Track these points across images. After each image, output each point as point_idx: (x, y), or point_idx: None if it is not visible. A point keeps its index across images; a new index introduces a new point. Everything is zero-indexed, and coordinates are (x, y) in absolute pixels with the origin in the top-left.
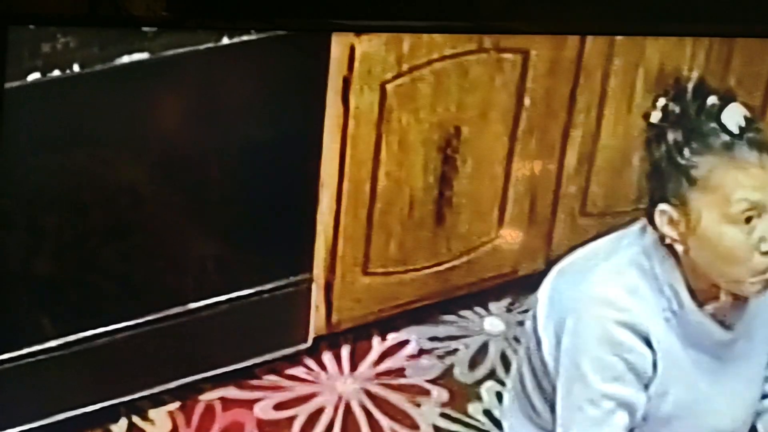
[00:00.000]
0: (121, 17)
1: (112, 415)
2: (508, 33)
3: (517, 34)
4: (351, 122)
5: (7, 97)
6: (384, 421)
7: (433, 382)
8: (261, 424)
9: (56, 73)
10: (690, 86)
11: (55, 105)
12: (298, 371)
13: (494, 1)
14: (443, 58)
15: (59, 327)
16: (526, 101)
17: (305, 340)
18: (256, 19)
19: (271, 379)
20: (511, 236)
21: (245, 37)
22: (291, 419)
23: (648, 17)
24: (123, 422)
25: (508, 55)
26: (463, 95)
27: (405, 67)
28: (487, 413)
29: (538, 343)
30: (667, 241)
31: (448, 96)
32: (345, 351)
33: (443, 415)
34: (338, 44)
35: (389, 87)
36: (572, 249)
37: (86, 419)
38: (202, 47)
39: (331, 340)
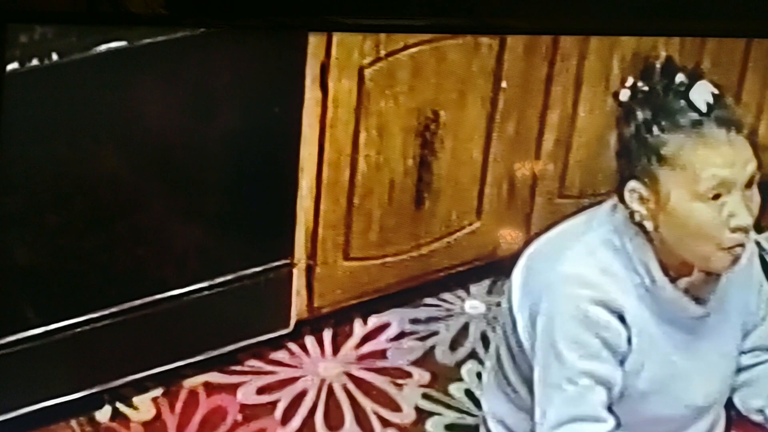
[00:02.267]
0: (120, 15)
1: (96, 402)
2: (502, 33)
3: (513, 34)
4: (329, 108)
5: None
6: (366, 403)
7: (414, 364)
8: (244, 408)
9: (35, 62)
10: (658, 64)
11: (34, 94)
12: (280, 356)
13: None
14: (420, 43)
15: (42, 315)
16: (504, 85)
17: (287, 325)
18: (255, 16)
19: (253, 364)
20: (490, 219)
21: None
22: (274, 403)
23: (633, 13)
24: (107, 409)
25: (484, 39)
26: (440, 80)
27: (382, 52)
28: (469, 393)
29: (514, 323)
30: (638, 218)
31: (426, 80)
32: (327, 335)
33: (425, 396)
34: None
35: (367, 72)
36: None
37: (70, 407)
38: (179, 35)
39: (313, 325)
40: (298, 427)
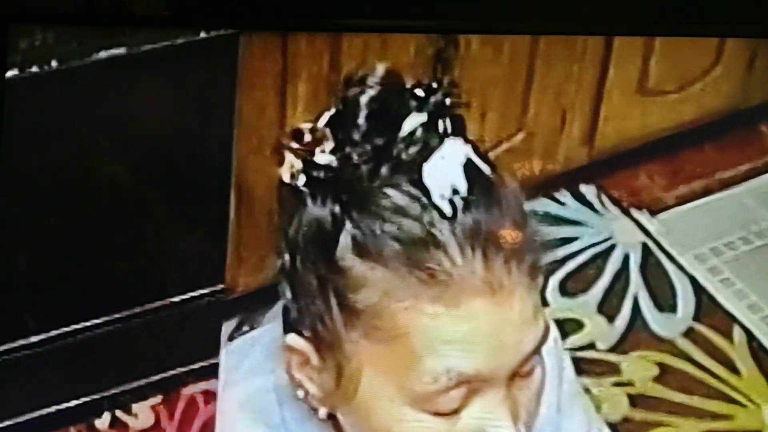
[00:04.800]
0: (122, 16)
1: (95, 409)
2: (505, 34)
3: (515, 34)
4: None
5: None
6: None
7: None
8: None
9: (35, 69)
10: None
11: (35, 101)
12: None
13: None
14: None
15: (41, 323)
16: None
17: None
18: (258, 17)
19: None
20: None
21: (222, 31)
22: None
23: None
24: (106, 416)
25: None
26: None
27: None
28: None
29: None
30: (300, 395)
31: None
32: None
33: None
34: None
35: None
36: None
37: (69, 414)
38: (178, 42)
39: None
40: None
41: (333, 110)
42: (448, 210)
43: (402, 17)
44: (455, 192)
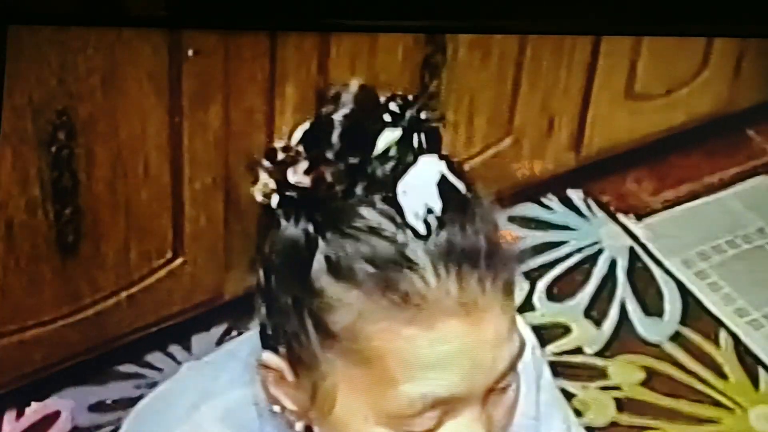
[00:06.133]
0: (120, 17)
1: None
2: (499, 33)
3: (510, 34)
4: None
5: None
6: None
7: None
8: None
9: None
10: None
11: None
12: None
13: None
14: None
15: None
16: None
17: None
18: (255, 18)
19: None
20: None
21: None
22: None
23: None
24: None
25: None
26: None
27: None
28: None
29: None
30: (276, 409)
31: None
32: None
33: None
34: None
35: None
36: None
37: None
38: None
39: None
40: None
41: (307, 126)
42: (422, 229)
43: (391, 18)
44: (429, 211)
